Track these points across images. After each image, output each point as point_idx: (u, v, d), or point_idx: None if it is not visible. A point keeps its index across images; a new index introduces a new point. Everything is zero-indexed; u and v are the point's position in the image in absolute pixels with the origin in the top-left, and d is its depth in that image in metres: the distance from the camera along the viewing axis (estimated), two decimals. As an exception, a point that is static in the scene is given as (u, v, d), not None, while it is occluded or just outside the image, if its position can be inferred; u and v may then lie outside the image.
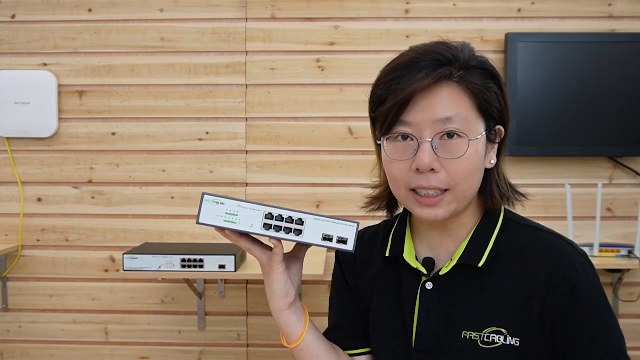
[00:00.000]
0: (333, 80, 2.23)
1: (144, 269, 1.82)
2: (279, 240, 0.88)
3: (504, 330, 0.88)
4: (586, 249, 2.02)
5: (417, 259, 0.96)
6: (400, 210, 1.04)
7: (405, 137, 0.88)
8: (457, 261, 0.92)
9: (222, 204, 0.87)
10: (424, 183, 0.86)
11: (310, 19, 2.23)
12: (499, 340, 0.88)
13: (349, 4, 2.22)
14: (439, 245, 0.96)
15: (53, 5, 2.26)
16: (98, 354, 2.30)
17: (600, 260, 2.01)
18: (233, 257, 1.82)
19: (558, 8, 2.20)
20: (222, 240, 2.30)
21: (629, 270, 2.15)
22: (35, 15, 2.26)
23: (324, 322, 0.99)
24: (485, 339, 0.88)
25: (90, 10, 2.25)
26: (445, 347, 0.91)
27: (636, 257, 1.99)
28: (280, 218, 0.87)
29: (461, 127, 0.86)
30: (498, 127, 0.92)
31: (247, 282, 2.26)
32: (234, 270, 1.82)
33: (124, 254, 1.82)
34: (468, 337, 0.89)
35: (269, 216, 0.87)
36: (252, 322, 2.27)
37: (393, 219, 1.05)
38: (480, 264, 0.90)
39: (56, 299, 2.30)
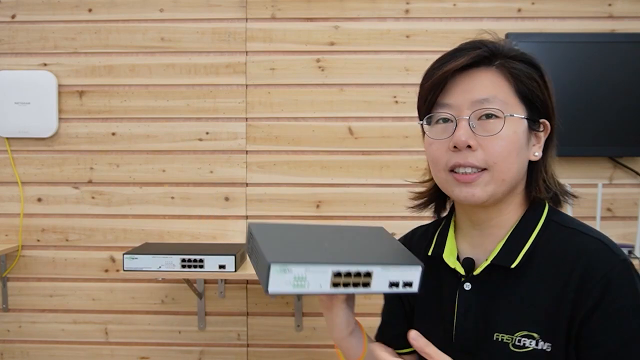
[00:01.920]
0: (333, 80, 2.23)
1: (144, 269, 1.82)
2: None
3: (535, 335, 0.86)
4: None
5: (458, 258, 0.96)
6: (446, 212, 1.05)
7: (445, 120, 0.90)
8: (491, 261, 0.91)
9: (290, 271, 0.82)
10: (461, 160, 0.87)
11: (310, 19, 2.23)
12: (530, 344, 0.86)
13: (349, 4, 2.22)
14: (479, 244, 0.96)
15: (53, 5, 2.26)
16: (98, 354, 2.29)
17: (600, 260, 2.00)
18: (233, 257, 1.82)
19: (558, 8, 2.20)
20: (222, 240, 2.30)
21: (629, 270, 2.15)
22: (35, 15, 2.26)
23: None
24: (516, 342, 0.87)
25: (90, 10, 2.25)
26: (480, 348, 0.91)
27: (636, 257, 1.99)
28: (348, 274, 0.84)
29: (499, 107, 0.87)
30: (542, 120, 0.94)
31: (247, 282, 2.26)
32: (234, 270, 1.82)
33: (124, 254, 1.82)
34: (500, 340, 0.88)
35: (337, 275, 0.84)
36: (252, 322, 2.27)
37: (442, 219, 1.05)
38: (514, 265, 0.89)
39: (56, 299, 2.29)
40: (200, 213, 2.26)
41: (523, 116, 0.90)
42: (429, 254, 1.00)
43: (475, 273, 0.92)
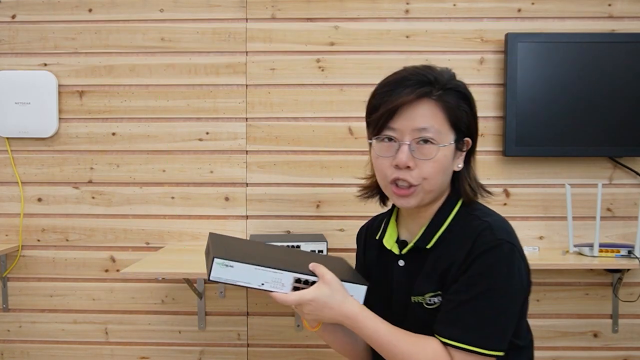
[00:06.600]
0: (333, 80, 2.23)
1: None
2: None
3: (440, 292, 1.12)
4: (586, 249, 2.03)
5: (399, 239, 1.22)
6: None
7: (390, 139, 1.12)
8: (414, 244, 1.17)
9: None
10: (401, 176, 1.11)
11: (310, 19, 2.23)
12: (439, 300, 1.12)
13: (349, 4, 2.22)
14: (412, 229, 1.20)
15: (53, 5, 2.26)
16: (98, 354, 2.30)
17: (600, 260, 2.00)
18: (233, 257, 1.82)
19: (558, 8, 2.20)
20: (222, 240, 2.28)
21: (628, 270, 2.15)
22: (35, 15, 2.26)
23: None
24: (428, 301, 1.13)
25: (90, 11, 2.25)
26: (407, 310, 1.16)
27: (636, 257, 1.99)
28: (298, 281, 1.09)
29: (434, 136, 1.10)
30: (466, 138, 1.15)
31: (247, 282, 2.26)
32: (234, 270, 1.81)
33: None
34: (415, 301, 1.14)
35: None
36: (252, 322, 2.27)
37: (392, 208, 1.28)
38: (429, 246, 1.14)
39: (56, 299, 2.29)
40: (200, 213, 2.26)
41: (452, 142, 1.12)
42: (377, 237, 1.25)
43: (402, 252, 1.18)
